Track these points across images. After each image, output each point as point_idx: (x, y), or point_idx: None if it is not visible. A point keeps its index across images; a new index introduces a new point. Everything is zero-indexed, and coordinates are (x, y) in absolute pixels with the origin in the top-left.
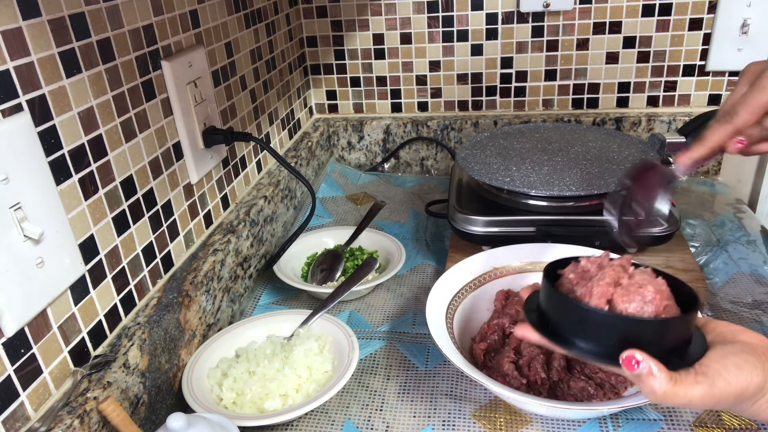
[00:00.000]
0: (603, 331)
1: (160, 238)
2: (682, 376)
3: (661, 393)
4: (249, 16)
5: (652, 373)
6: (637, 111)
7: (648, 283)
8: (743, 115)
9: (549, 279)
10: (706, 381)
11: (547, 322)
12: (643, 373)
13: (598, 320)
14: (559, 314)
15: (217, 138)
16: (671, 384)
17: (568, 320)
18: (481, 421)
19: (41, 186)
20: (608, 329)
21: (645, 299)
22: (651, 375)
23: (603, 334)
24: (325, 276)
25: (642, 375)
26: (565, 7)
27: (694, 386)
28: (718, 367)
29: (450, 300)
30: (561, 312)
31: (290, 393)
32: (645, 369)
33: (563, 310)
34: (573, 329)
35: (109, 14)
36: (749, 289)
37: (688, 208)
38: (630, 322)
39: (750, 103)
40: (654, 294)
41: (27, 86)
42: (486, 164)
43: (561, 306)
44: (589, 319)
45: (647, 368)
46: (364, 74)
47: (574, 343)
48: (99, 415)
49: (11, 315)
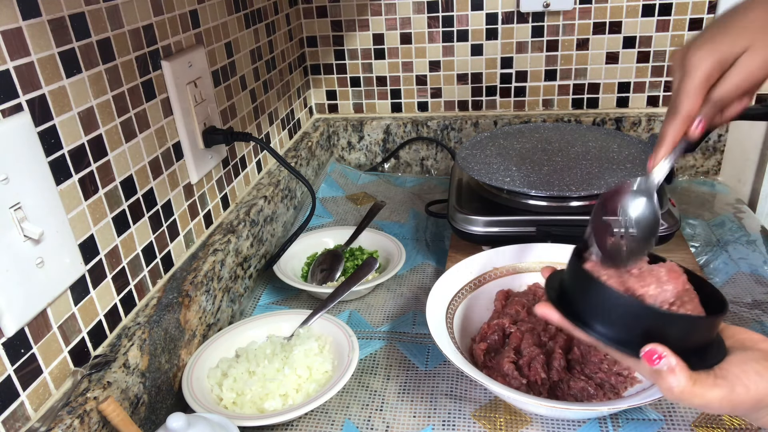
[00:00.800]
0: (629, 320)
1: (160, 238)
2: (702, 377)
3: (678, 391)
4: (249, 16)
5: (673, 370)
6: (637, 111)
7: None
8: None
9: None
10: (726, 384)
11: (568, 303)
12: (663, 369)
13: (627, 307)
14: (584, 296)
15: (217, 138)
16: (690, 383)
17: (594, 303)
18: (481, 421)
19: (41, 186)
20: (635, 318)
21: (660, 280)
22: (671, 372)
23: (628, 323)
24: (325, 276)
25: (662, 371)
26: (565, 7)
27: (713, 389)
28: (738, 372)
29: (450, 300)
30: (587, 294)
31: (290, 393)
32: (666, 365)
33: (590, 293)
34: (597, 313)
35: (109, 14)
36: (749, 289)
37: (688, 208)
38: (658, 315)
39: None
40: (668, 274)
41: (27, 86)
42: (486, 164)
43: (588, 288)
44: (617, 305)
45: (668, 364)
46: (364, 74)
47: (595, 328)
48: (99, 415)
49: (11, 315)
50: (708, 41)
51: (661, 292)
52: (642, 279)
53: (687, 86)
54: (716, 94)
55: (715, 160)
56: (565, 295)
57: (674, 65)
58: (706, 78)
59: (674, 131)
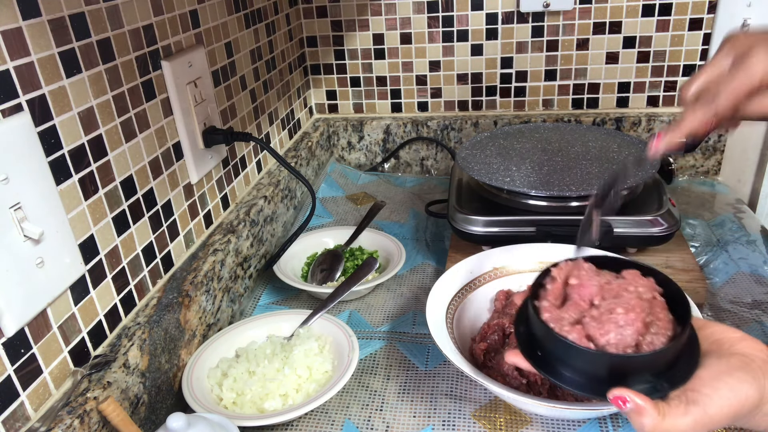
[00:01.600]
0: (592, 368)
1: (160, 238)
2: (672, 408)
3: (650, 429)
4: (249, 16)
5: (640, 411)
6: (637, 111)
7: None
8: (724, 100)
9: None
10: (698, 410)
11: (535, 348)
12: (632, 411)
13: (588, 358)
14: (548, 347)
15: (217, 138)
16: (660, 419)
17: (558, 355)
18: (481, 421)
19: (41, 186)
20: (598, 366)
21: (618, 324)
22: (638, 414)
23: (593, 371)
24: (325, 276)
25: (630, 413)
26: (565, 7)
27: (684, 417)
28: (709, 392)
29: (450, 300)
30: (550, 346)
31: (290, 393)
32: (632, 407)
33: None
34: (563, 363)
35: (109, 14)
36: (749, 289)
37: (688, 208)
38: (619, 359)
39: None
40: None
41: (27, 86)
42: (486, 164)
43: (550, 340)
44: (578, 358)
45: (634, 407)
46: (364, 74)
47: (562, 375)
48: (99, 415)
49: (11, 315)
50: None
51: (621, 338)
52: (601, 326)
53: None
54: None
55: (715, 160)
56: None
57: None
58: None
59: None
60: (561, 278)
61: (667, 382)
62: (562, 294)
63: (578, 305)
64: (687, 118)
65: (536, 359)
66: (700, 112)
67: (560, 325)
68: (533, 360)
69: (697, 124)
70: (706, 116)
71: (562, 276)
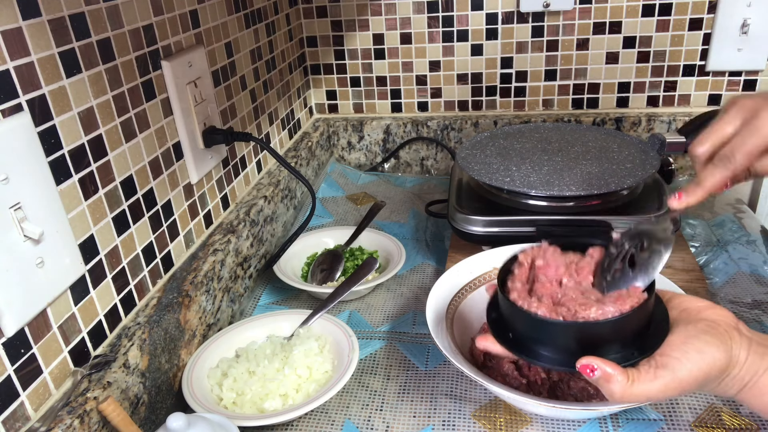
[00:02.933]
0: (558, 340)
1: (160, 238)
2: (642, 373)
3: (620, 395)
4: (249, 16)
5: (608, 378)
6: (637, 111)
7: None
8: (741, 160)
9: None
10: (667, 374)
11: (507, 331)
12: (601, 379)
13: (552, 329)
14: (517, 326)
15: (217, 138)
16: (629, 385)
17: (526, 332)
18: (481, 421)
19: (41, 186)
20: (562, 337)
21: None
22: (607, 381)
23: (559, 343)
24: (325, 276)
25: (599, 380)
26: (565, 7)
27: (654, 381)
28: (678, 356)
29: (450, 300)
30: (519, 324)
31: (290, 393)
32: (600, 375)
33: (520, 322)
34: (530, 339)
35: (109, 14)
36: (749, 289)
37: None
38: (582, 327)
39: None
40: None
41: (27, 86)
42: (486, 164)
43: (517, 318)
44: (543, 330)
45: (602, 373)
46: (364, 74)
47: (535, 353)
48: (99, 415)
49: (11, 315)
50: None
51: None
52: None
53: (751, 145)
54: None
55: None
56: (501, 322)
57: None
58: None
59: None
60: (527, 262)
61: (636, 350)
62: (529, 277)
63: (545, 285)
64: (707, 179)
65: (507, 341)
66: (718, 173)
67: (528, 303)
68: (505, 342)
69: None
70: (724, 177)
71: (529, 260)
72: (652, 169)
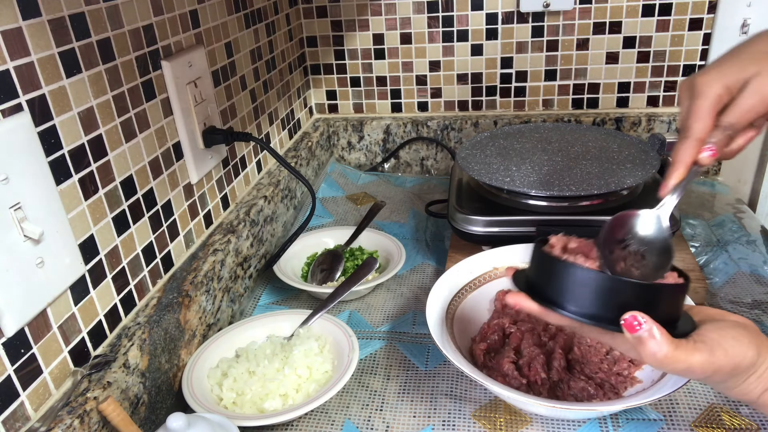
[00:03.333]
0: (602, 294)
1: (160, 238)
2: (683, 342)
3: (662, 356)
4: (249, 16)
5: (653, 335)
6: (637, 111)
7: None
8: (697, 125)
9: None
10: (706, 348)
11: (539, 291)
12: (644, 336)
13: (599, 282)
14: (554, 280)
15: (217, 138)
16: (672, 347)
17: (565, 285)
18: (481, 421)
19: (41, 186)
20: (608, 292)
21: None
22: (652, 337)
23: (602, 297)
24: (325, 276)
25: (643, 337)
26: (565, 7)
27: (694, 353)
28: (716, 337)
29: (450, 300)
30: (557, 278)
31: (290, 393)
32: (646, 330)
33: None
34: (570, 294)
35: (109, 14)
36: (749, 289)
37: (688, 208)
38: (632, 286)
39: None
40: None
41: (27, 86)
42: (486, 164)
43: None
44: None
45: (649, 329)
46: (364, 74)
47: (569, 308)
48: (99, 415)
49: (11, 315)
50: (716, 68)
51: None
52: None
53: (697, 108)
54: (726, 118)
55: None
56: (535, 286)
57: (682, 93)
58: (715, 100)
59: (687, 155)
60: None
61: (673, 329)
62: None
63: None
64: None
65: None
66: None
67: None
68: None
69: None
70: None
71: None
72: (652, 169)
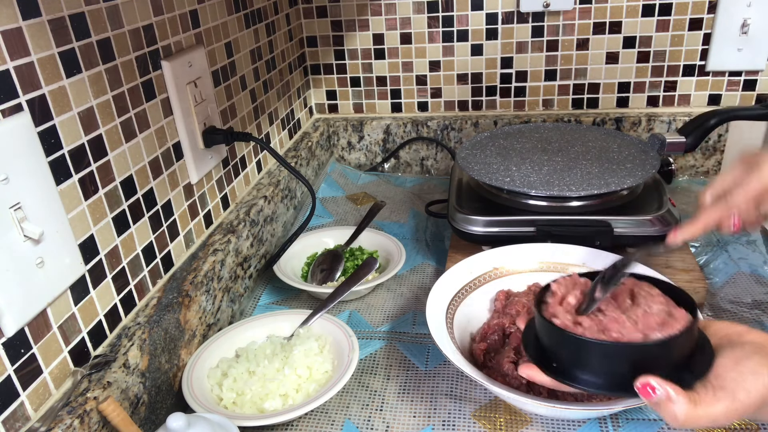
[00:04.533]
0: (611, 362)
1: (160, 238)
2: (702, 396)
3: (683, 418)
4: (249, 16)
5: (671, 398)
6: (637, 111)
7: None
8: (739, 199)
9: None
10: (727, 396)
11: (549, 358)
12: (662, 400)
13: (605, 351)
14: (561, 350)
15: (217, 138)
16: (692, 406)
17: (574, 356)
18: (481, 421)
19: (41, 186)
20: (616, 359)
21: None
22: (670, 401)
23: (611, 366)
24: (325, 276)
25: (661, 402)
26: (565, 7)
27: (715, 404)
28: (734, 377)
29: (450, 300)
30: (563, 348)
31: (290, 393)
32: (662, 395)
33: (566, 347)
34: (580, 365)
35: (109, 14)
36: (749, 289)
37: (688, 208)
38: (637, 349)
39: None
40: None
41: (27, 86)
42: (486, 164)
43: (563, 342)
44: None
45: (664, 394)
46: (364, 74)
47: (582, 380)
48: (99, 415)
49: (11, 315)
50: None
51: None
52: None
53: (751, 186)
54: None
55: (715, 160)
56: (544, 352)
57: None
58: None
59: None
60: (561, 293)
61: (689, 374)
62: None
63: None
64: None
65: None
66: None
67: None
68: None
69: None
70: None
71: (562, 290)
72: (652, 169)
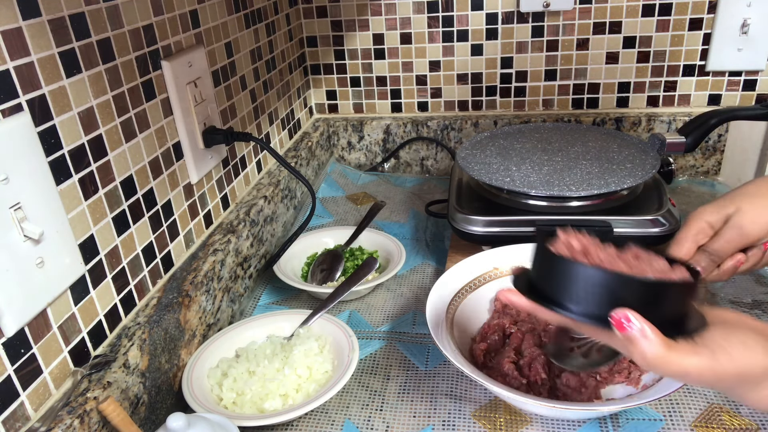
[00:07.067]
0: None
1: (160, 238)
2: (680, 344)
3: (651, 357)
4: (249, 16)
5: (645, 334)
6: (637, 111)
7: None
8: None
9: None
10: (707, 352)
11: (535, 287)
12: (635, 335)
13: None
14: (550, 275)
15: (217, 138)
16: (664, 348)
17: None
18: (481, 421)
19: (41, 186)
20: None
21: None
22: (643, 336)
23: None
24: (325, 276)
25: (633, 336)
26: (565, 7)
27: (691, 356)
28: (721, 341)
29: (450, 300)
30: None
31: (290, 393)
32: (637, 330)
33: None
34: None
35: (109, 14)
36: (749, 289)
37: (688, 208)
38: (628, 282)
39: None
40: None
41: (27, 86)
42: (486, 164)
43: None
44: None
45: (639, 329)
46: (364, 74)
47: (563, 306)
48: (99, 415)
49: (11, 315)
50: (708, 205)
51: None
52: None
53: (678, 237)
54: (710, 246)
55: (715, 160)
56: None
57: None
58: (696, 230)
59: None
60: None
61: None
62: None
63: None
64: None
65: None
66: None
67: None
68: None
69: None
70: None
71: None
72: (652, 169)
